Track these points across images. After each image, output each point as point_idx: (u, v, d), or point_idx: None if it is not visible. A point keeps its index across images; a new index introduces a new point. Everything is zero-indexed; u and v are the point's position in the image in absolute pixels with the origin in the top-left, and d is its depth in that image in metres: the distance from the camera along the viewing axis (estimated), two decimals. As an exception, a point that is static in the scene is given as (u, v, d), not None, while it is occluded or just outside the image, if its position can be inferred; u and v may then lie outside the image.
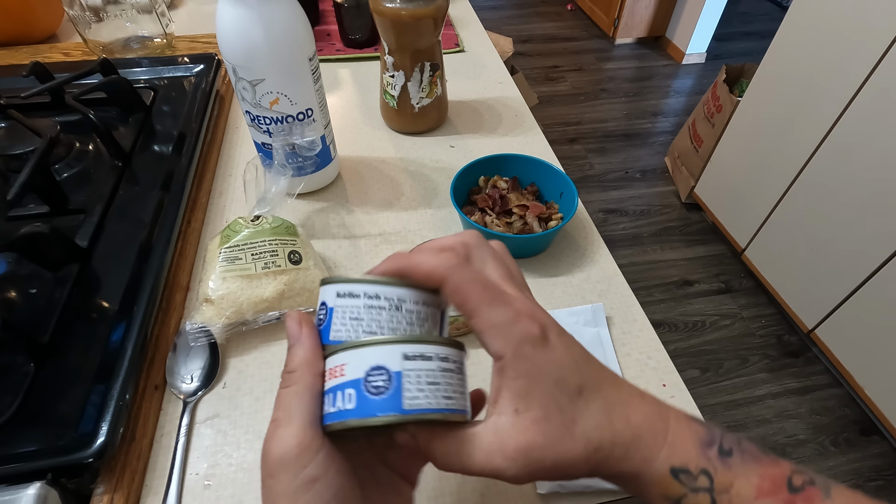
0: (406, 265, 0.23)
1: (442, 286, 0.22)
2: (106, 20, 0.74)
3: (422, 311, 0.24)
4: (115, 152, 0.54)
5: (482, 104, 0.73)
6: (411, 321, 0.23)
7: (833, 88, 1.22)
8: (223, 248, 0.42)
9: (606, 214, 1.88)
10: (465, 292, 0.22)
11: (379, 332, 0.23)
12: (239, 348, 0.43)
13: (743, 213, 1.59)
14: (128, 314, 0.40)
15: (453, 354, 0.23)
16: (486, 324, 0.22)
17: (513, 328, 0.22)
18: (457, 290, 0.22)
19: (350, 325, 0.23)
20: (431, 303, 0.24)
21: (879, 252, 1.16)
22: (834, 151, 1.25)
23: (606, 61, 2.75)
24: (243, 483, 0.36)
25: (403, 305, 0.23)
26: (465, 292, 0.22)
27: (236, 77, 0.46)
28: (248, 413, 0.39)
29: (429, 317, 0.24)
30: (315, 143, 0.51)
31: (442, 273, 0.22)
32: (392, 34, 0.56)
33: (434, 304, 0.24)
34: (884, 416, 1.23)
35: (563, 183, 0.53)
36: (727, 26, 2.89)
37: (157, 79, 0.67)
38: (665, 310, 1.57)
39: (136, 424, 0.37)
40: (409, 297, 0.23)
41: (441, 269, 0.22)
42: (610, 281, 0.50)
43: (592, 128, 2.29)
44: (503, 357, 0.22)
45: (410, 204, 0.57)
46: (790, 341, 1.49)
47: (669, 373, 0.43)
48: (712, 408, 1.34)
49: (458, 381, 0.23)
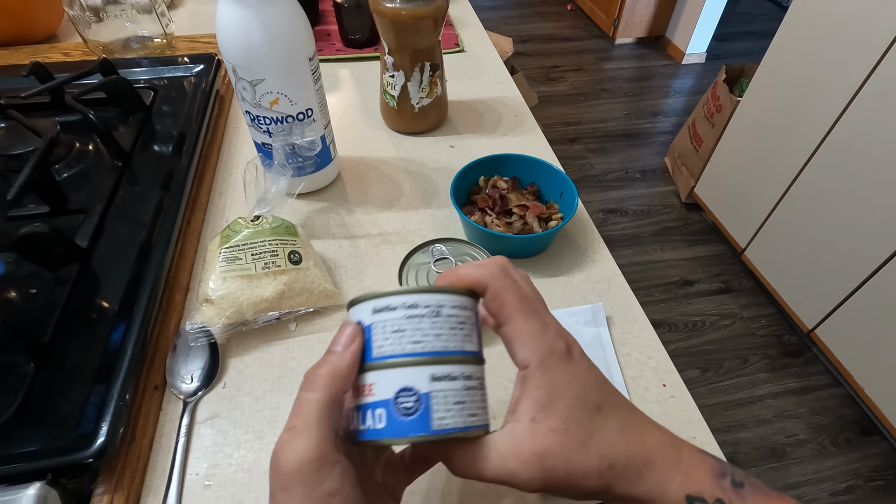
0: (450, 278, 0.25)
1: (482, 292, 0.24)
2: (106, 20, 0.74)
3: (461, 314, 0.24)
4: (115, 152, 0.54)
5: (482, 104, 0.73)
6: (453, 326, 0.23)
7: (833, 88, 1.22)
8: (223, 248, 0.42)
9: (606, 214, 1.88)
10: (503, 300, 0.23)
11: (424, 341, 0.23)
12: (239, 348, 0.43)
13: (743, 213, 1.59)
14: (128, 314, 0.40)
15: (476, 371, 0.24)
16: (519, 332, 0.23)
17: (542, 339, 0.23)
18: (495, 296, 0.24)
19: (394, 339, 0.23)
20: (469, 306, 0.24)
21: (879, 252, 1.16)
22: (834, 151, 1.25)
23: (606, 61, 2.75)
24: (243, 483, 0.36)
25: (442, 310, 0.23)
26: (503, 300, 0.23)
27: (236, 77, 0.46)
28: (248, 413, 0.39)
29: (467, 320, 0.24)
30: (315, 143, 0.51)
31: (484, 279, 0.24)
32: (392, 34, 0.56)
33: (471, 308, 0.25)
34: (884, 416, 1.23)
35: (563, 183, 0.53)
36: (727, 26, 2.89)
37: (157, 79, 0.67)
38: (665, 310, 1.57)
39: (136, 424, 0.37)
40: (447, 302, 0.23)
41: (484, 276, 0.24)
42: (610, 281, 0.50)
43: (592, 128, 2.29)
44: (529, 366, 0.22)
45: (410, 204, 0.57)
46: (790, 341, 1.49)
47: (669, 373, 0.43)
48: (712, 408, 1.34)
49: (481, 397, 0.24)
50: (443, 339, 0.23)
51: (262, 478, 0.36)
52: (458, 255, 0.47)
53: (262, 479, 0.36)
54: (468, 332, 0.24)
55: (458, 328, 0.24)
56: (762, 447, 1.27)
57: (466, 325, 0.24)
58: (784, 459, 1.25)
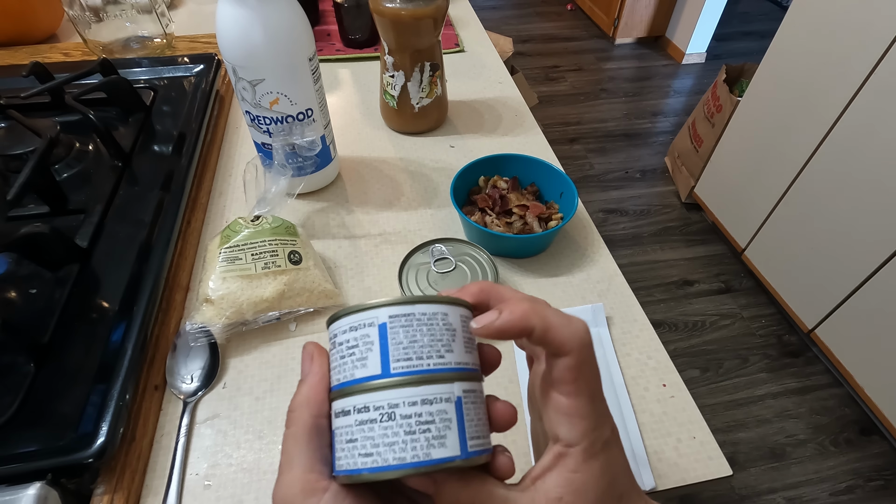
0: (539, 316, 0.22)
1: (564, 358, 0.22)
2: (106, 20, 0.74)
3: (467, 325, 0.22)
4: (115, 152, 0.54)
5: (482, 104, 0.73)
6: (468, 339, 0.22)
7: (833, 88, 1.22)
8: (223, 248, 0.42)
9: (606, 214, 1.88)
10: (582, 375, 0.21)
11: (442, 351, 0.21)
12: (239, 348, 0.43)
13: (743, 213, 1.59)
14: (128, 314, 0.40)
15: (478, 387, 0.22)
16: (577, 411, 0.21)
17: (597, 428, 0.21)
18: (577, 367, 0.21)
19: (413, 351, 0.21)
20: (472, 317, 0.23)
21: (879, 252, 1.16)
22: (834, 151, 1.25)
23: (606, 61, 2.75)
24: (243, 483, 0.36)
25: (452, 321, 0.22)
26: (582, 375, 0.21)
27: (236, 77, 0.46)
28: (248, 413, 0.39)
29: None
30: (315, 143, 0.51)
31: (572, 345, 0.21)
32: (392, 34, 0.56)
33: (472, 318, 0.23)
34: (884, 416, 1.23)
35: (563, 183, 0.53)
36: (727, 26, 2.89)
37: (157, 79, 0.67)
38: (665, 310, 1.57)
39: (136, 425, 0.37)
40: (452, 313, 0.22)
41: (574, 339, 0.22)
42: (610, 281, 0.50)
43: (592, 128, 2.29)
44: (572, 446, 0.21)
45: (410, 204, 0.57)
46: (790, 341, 1.49)
47: (669, 373, 0.43)
48: (712, 408, 1.34)
49: (482, 414, 0.22)
50: (454, 351, 0.21)
51: (262, 478, 0.36)
52: (458, 255, 0.47)
53: (262, 479, 0.36)
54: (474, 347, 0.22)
55: (465, 341, 0.22)
56: (762, 447, 1.27)
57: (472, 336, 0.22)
58: (784, 459, 1.25)
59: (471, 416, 0.21)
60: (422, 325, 0.21)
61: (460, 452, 0.20)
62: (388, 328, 0.21)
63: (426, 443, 0.20)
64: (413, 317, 0.21)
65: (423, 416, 0.20)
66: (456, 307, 0.22)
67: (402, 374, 0.20)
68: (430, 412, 0.20)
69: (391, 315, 0.21)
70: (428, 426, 0.20)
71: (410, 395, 0.20)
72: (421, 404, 0.20)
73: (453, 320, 0.22)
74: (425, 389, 0.20)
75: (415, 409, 0.20)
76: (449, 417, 0.20)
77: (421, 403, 0.20)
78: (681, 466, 0.37)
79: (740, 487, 1.20)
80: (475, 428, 0.21)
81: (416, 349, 0.21)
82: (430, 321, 0.21)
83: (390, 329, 0.21)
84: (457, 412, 0.20)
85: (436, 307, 0.21)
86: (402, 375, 0.20)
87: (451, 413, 0.20)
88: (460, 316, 0.22)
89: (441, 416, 0.20)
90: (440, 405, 0.20)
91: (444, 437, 0.20)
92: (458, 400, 0.21)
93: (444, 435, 0.20)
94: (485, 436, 0.22)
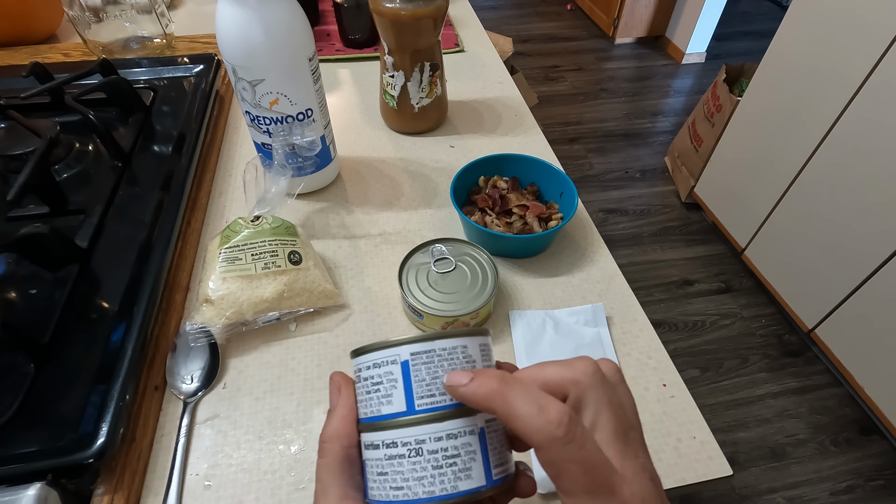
0: (502, 401, 0.20)
1: (536, 451, 0.20)
2: (106, 20, 0.74)
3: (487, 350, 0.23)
4: (114, 153, 0.54)
5: (482, 104, 0.73)
6: (488, 368, 0.23)
7: (833, 88, 1.22)
8: (223, 248, 0.42)
9: (606, 214, 1.88)
10: (562, 470, 0.19)
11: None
12: (239, 349, 0.43)
13: (743, 212, 1.59)
14: (128, 315, 0.40)
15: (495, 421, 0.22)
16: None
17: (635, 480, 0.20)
18: (552, 463, 0.19)
19: (436, 387, 0.21)
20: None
21: (879, 252, 1.16)
22: (834, 151, 1.25)
23: (606, 61, 2.75)
24: (243, 483, 0.36)
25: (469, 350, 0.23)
26: (564, 471, 0.19)
27: (236, 77, 0.46)
28: (249, 413, 0.39)
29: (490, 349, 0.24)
30: (315, 143, 0.51)
31: (538, 440, 0.19)
32: (392, 34, 0.56)
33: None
34: (884, 416, 1.23)
35: (563, 183, 0.53)
36: (727, 26, 2.89)
37: (156, 79, 0.67)
38: (665, 310, 1.57)
39: (136, 425, 0.37)
40: (471, 344, 0.23)
41: (539, 434, 0.19)
42: (610, 281, 0.50)
43: (592, 128, 2.29)
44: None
45: (410, 204, 0.57)
46: (790, 341, 1.49)
47: (669, 373, 0.43)
48: (712, 408, 1.34)
49: (503, 439, 0.22)
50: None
51: (263, 478, 0.36)
52: (458, 256, 0.47)
53: (262, 480, 0.36)
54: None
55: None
56: (762, 447, 1.27)
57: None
58: (784, 459, 1.25)
59: (493, 445, 0.22)
60: (443, 361, 0.22)
61: (485, 482, 0.21)
62: (411, 365, 0.21)
63: (453, 476, 0.20)
64: (434, 353, 0.22)
65: (448, 451, 0.21)
66: (474, 338, 0.23)
67: (427, 410, 0.21)
68: (455, 446, 0.21)
69: (412, 353, 0.22)
70: (454, 460, 0.21)
71: (435, 430, 0.21)
72: (446, 439, 0.21)
73: (472, 351, 0.22)
74: (449, 425, 0.21)
75: (440, 445, 0.21)
76: (473, 449, 0.21)
77: (446, 438, 0.21)
78: (681, 466, 0.37)
79: (740, 487, 1.20)
80: (498, 455, 0.22)
81: (439, 385, 0.21)
82: (450, 355, 0.22)
83: (412, 366, 0.21)
84: (480, 443, 0.21)
85: (455, 341, 0.22)
86: (427, 412, 0.21)
87: (475, 445, 0.21)
88: (479, 346, 0.23)
89: (466, 448, 0.21)
90: (465, 438, 0.21)
91: (469, 469, 0.21)
92: (482, 431, 0.21)
93: (469, 467, 0.21)
94: (507, 461, 0.22)
